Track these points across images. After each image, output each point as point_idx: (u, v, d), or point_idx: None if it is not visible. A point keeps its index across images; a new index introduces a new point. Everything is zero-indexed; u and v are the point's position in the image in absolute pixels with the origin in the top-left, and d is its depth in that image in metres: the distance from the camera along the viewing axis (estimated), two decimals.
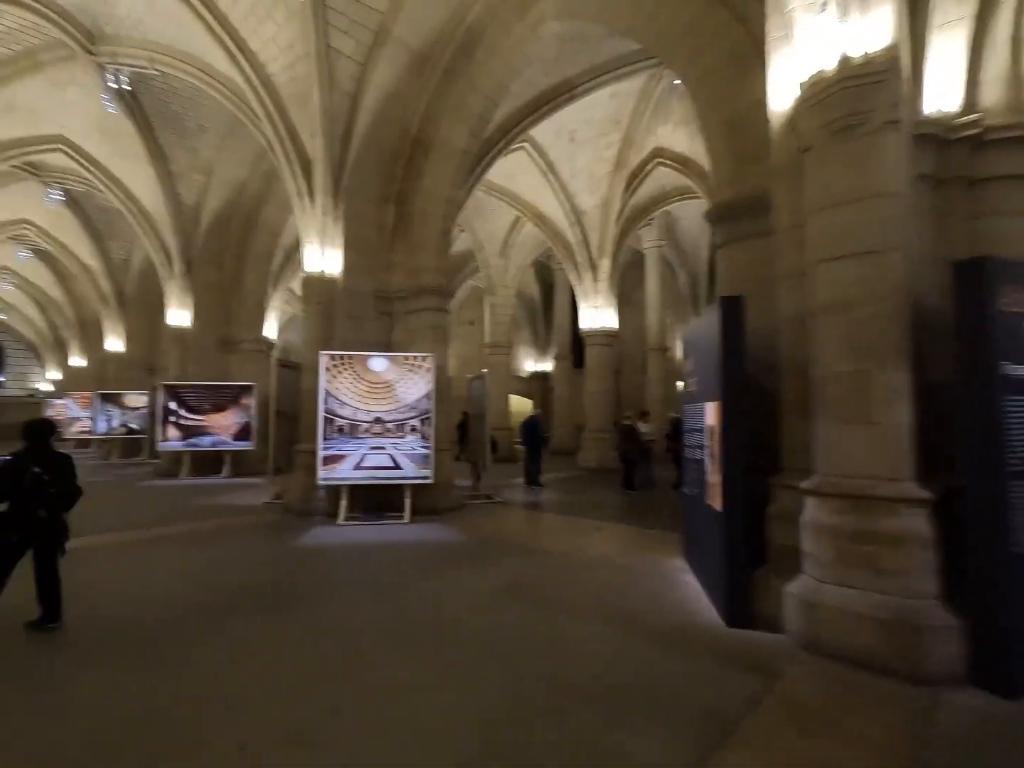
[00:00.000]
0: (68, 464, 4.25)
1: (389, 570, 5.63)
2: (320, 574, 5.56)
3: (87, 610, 4.46)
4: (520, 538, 7.16)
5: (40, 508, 3.97)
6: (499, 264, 18.32)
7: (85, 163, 13.57)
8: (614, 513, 8.99)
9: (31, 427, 4.22)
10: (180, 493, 11.25)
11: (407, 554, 6.27)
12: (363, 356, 8.37)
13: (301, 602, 4.67)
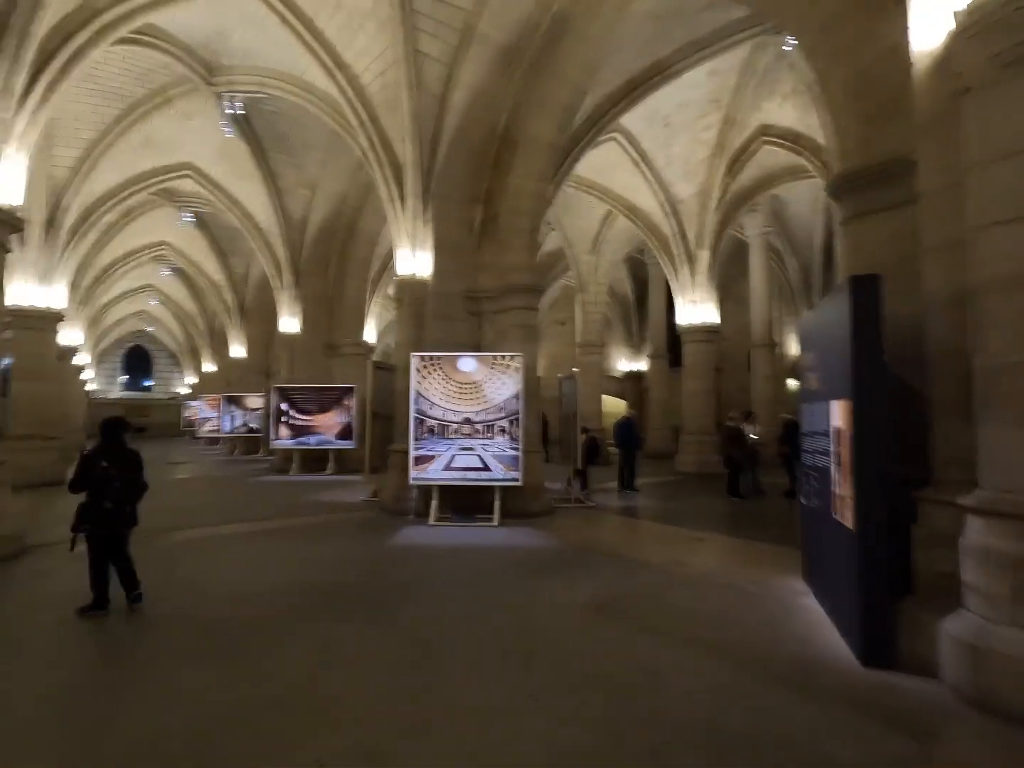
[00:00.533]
0: (136, 460, 4.53)
1: (477, 576, 5.47)
2: (409, 577, 5.51)
3: (195, 600, 4.72)
4: (615, 547, 6.74)
5: (105, 500, 4.26)
6: (590, 261, 17.86)
7: (209, 186, 14.95)
8: (718, 523, 8.28)
9: (105, 425, 4.53)
10: (289, 489, 11.98)
11: (496, 559, 6.08)
12: (452, 357, 8.35)
13: (390, 607, 4.62)
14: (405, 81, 8.40)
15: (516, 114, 8.92)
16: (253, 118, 12.78)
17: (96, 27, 6.96)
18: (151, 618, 4.38)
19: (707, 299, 14.30)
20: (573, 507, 9.45)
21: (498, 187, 9.39)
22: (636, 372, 25.53)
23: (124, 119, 11.77)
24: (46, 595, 4.97)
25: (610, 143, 12.97)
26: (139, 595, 4.49)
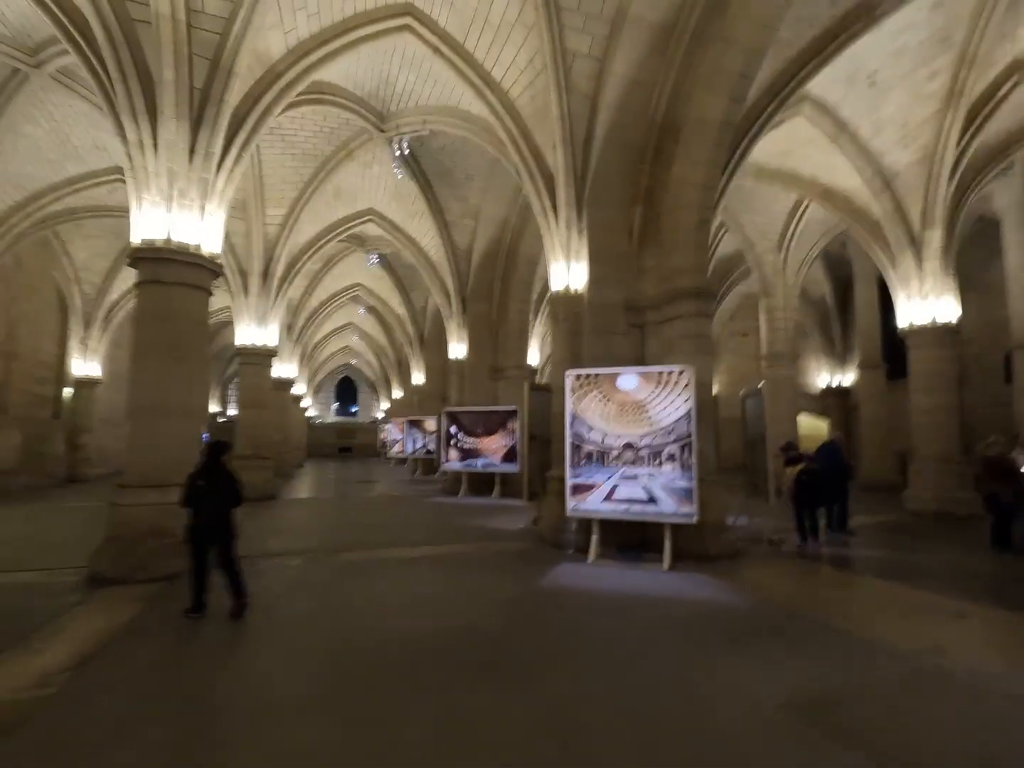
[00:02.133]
0: (230, 479, 5.09)
1: (642, 641, 4.44)
2: (559, 632, 4.71)
3: (324, 637, 4.51)
4: (828, 614, 5.13)
5: (202, 514, 4.88)
6: (775, 261, 15.55)
7: (388, 227, 16.30)
8: (984, 589, 6.02)
9: (207, 447, 5.21)
10: (454, 512, 12.07)
11: (666, 617, 4.97)
12: (610, 374, 7.48)
13: (532, 672, 3.87)
14: (554, 84, 7.95)
15: (677, 96, 7.88)
16: (420, 157, 13.58)
17: (278, 88, 7.78)
18: (277, 648, 4.24)
19: (941, 291, 11.27)
20: (764, 550, 7.80)
21: (659, 183, 8.38)
22: (840, 387, 21.64)
23: (317, 175, 13.30)
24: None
25: (794, 120, 11.06)
26: (244, 605, 4.94)
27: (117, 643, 4.38)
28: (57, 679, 3.68)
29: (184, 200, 6.84)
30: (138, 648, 4.31)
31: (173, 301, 6.81)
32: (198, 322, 7.12)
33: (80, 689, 3.57)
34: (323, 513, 12.10)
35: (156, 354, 6.72)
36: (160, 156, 6.67)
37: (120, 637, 4.52)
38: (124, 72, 6.41)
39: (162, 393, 6.68)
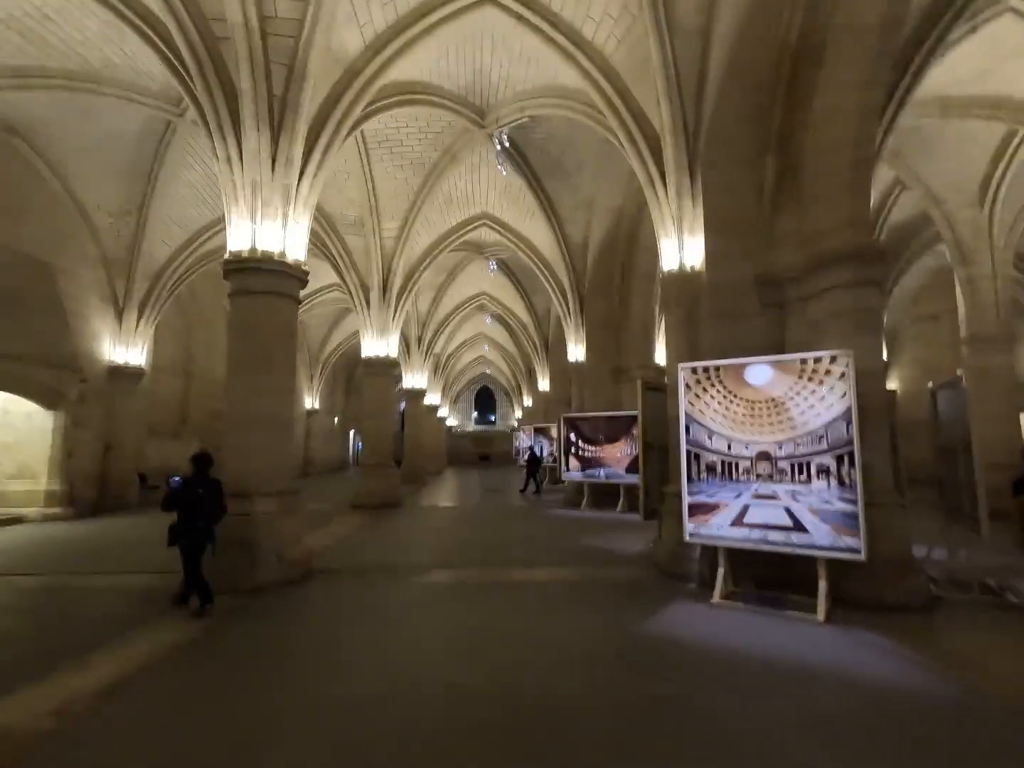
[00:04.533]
0: (218, 488, 5.49)
1: (783, 748, 3.05)
2: (650, 711, 3.45)
3: (365, 685, 3.78)
4: None
5: (199, 520, 5.31)
6: (975, 218, 12.16)
7: (501, 230, 15.90)
8: None
9: (195, 459, 5.47)
10: (568, 527, 11.03)
11: (823, 708, 3.43)
12: (734, 365, 5.96)
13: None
14: (653, 25, 6.72)
15: (815, 3, 6.14)
16: (526, 150, 12.91)
17: (358, 87, 7.56)
18: (290, 708, 3.60)
19: None
20: (975, 602, 5.63)
21: (797, 123, 6.65)
22: None
23: (427, 183, 13.27)
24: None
25: (997, 21, 8.35)
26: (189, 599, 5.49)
27: (156, 668, 4.12)
28: (75, 708, 3.43)
29: (268, 209, 6.83)
30: (172, 678, 3.99)
31: (260, 311, 6.81)
32: (286, 331, 7.07)
33: (81, 728, 3.25)
34: (436, 524, 11.83)
35: (247, 365, 6.75)
36: (245, 168, 6.72)
37: (165, 661, 4.28)
38: (210, 88, 6.57)
39: (251, 404, 6.67)
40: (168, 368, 17.57)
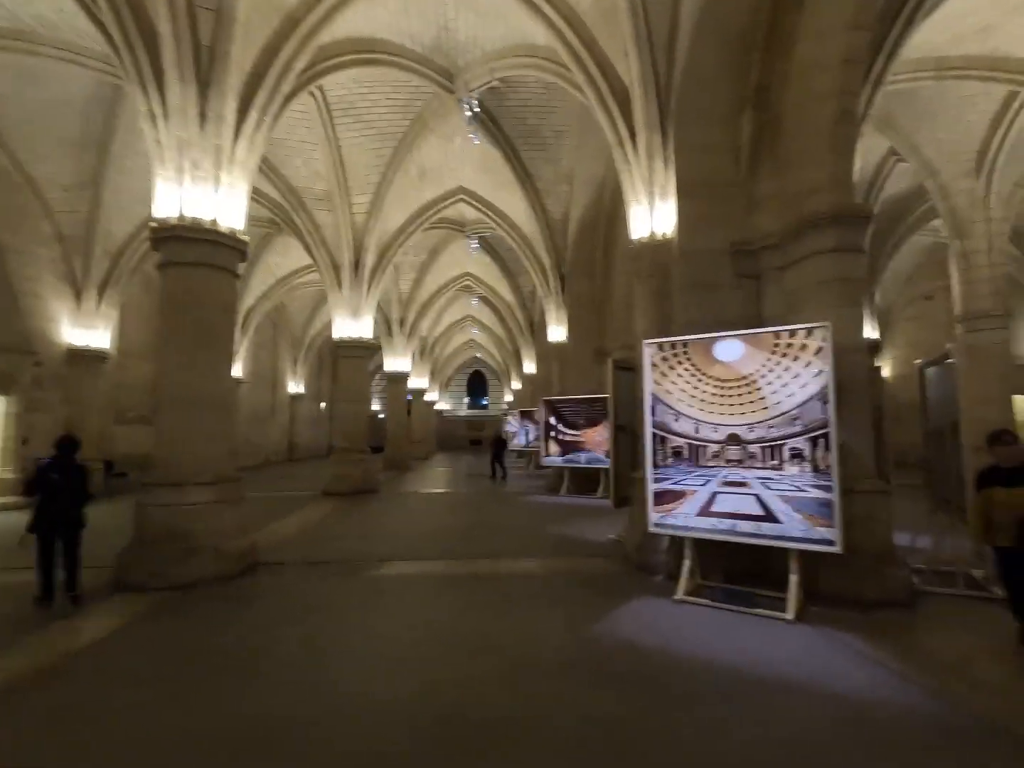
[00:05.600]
0: (82, 473, 5.22)
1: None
2: (601, 733, 2.96)
3: (277, 705, 3.31)
4: None
5: (56, 505, 5.02)
6: (972, 189, 11.58)
7: (479, 205, 15.24)
8: None
9: (59, 442, 5.20)
10: (545, 514, 10.61)
11: (789, 730, 2.98)
12: (703, 340, 5.44)
13: None
14: None
15: None
16: (500, 118, 12.22)
17: (298, 38, 6.90)
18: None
19: None
20: (960, 597, 5.20)
21: (776, 75, 6.06)
22: None
23: (397, 155, 12.59)
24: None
25: None
26: (77, 597, 5.15)
27: (29, 685, 3.64)
28: None
29: (197, 172, 6.22)
30: (44, 694, 3.50)
31: (192, 284, 6.23)
32: (222, 307, 6.49)
33: None
34: (409, 512, 11.38)
35: (179, 342, 6.19)
36: (171, 124, 6.09)
37: (58, 667, 3.80)
38: (127, 34, 5.91)
39: (184, 384, 6.13)
40: (136, 352, 16.94)
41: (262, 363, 25.92)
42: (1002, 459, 3.96)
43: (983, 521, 3.97)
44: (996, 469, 3.99)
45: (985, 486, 3.98)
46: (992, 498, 3.90)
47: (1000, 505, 3.86)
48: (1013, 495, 3.83)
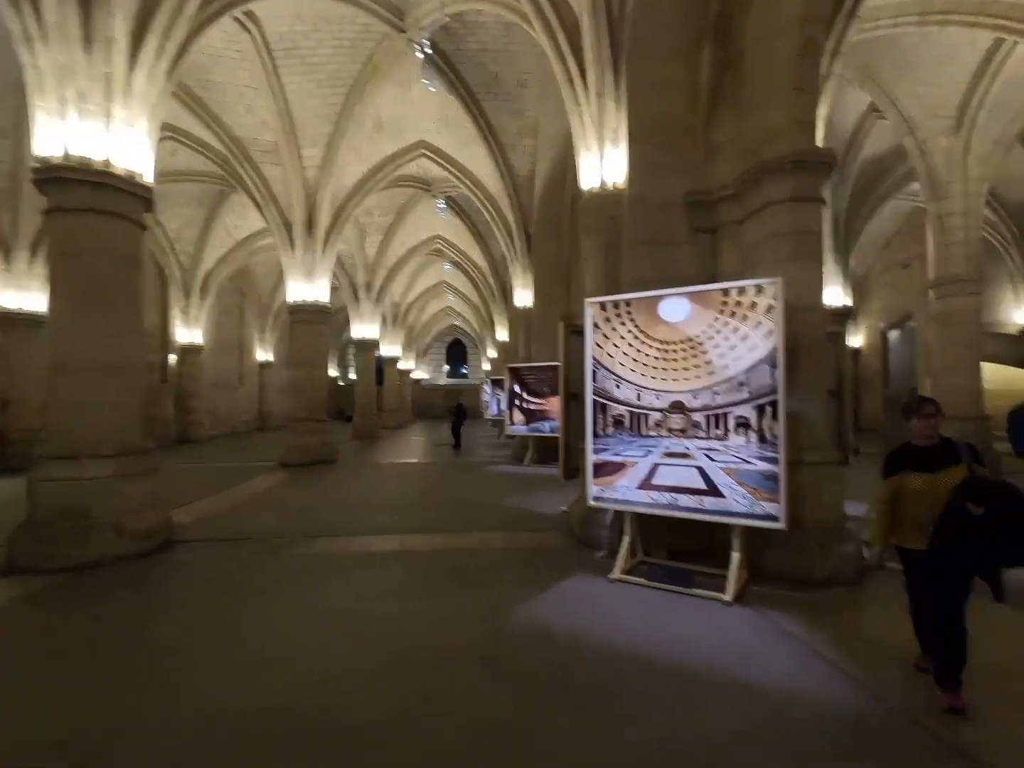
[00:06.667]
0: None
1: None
2: (488, 744, 2.60)
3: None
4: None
5: None
6: (951, 148, 11.08)
7: (442, 161, 14.39)
8: None
9: None
10: (504, 485, 10.26)
11: (699, 727, 2.63)
12: (648, 299, 4.95)
13: None
14: None
15: None
16: (459, 63, 11.34)
17: None
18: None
19: None
20: None
21: (737, 4, 5.43)
22: None
23: (350, 103, 11.66)
24: None
25: None
26: None
27: None
28: None
29: (85, 105, 5.45)
30: None
31: (83, 233, 5.53)
32: (124, 259, 5.80)
33: None
34: (363, 483, 10.93)
35: (71, 298, 5.53)
36: (50, 47, 5.29)
37: None
38: None
39: (79, 346, 5.50)
40: None
41: (227, 330, 24.92)
42: (917, 435, 3.01)
43: (889, 518, 3.03)
44: (908, 450, 3.05)
45: (896, 471, 3.02)
46: (905, 486, 2.96)
47: (914, 495, 2.91)
48: (932, 482, 2.85)
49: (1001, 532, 2.46)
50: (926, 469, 2.88)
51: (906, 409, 3.04)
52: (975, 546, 2.55)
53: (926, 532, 2.80)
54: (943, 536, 2.70)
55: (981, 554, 2.56)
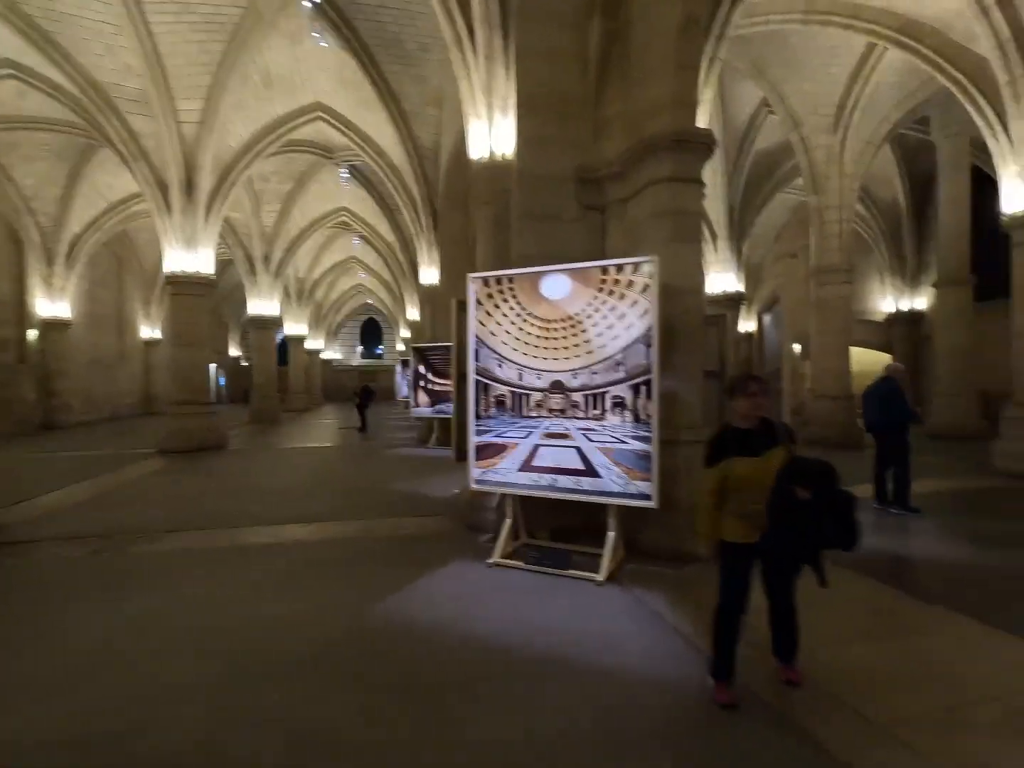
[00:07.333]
0: None
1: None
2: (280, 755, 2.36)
3: None
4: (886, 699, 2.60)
5: None
6: (829, 145, 11.83)
7: (340, 125, 13.50)
8: None
9: None
10: (402, 468, 9.98)
11: (537, 721, 2.52)
12: (529, 275, 4.79)
13: None
14: None
15: None
16: (355, 21, 10.56)
17: None
18: None
19: None
20: None
21: None
22: (911, 312, 17.77)
23: (232, 52, 10.55)
24: None
25: None
26: None
27: None
28: None
29: None
30: None
31: None
32: None
33: None
34: (249, 470, 10.19)
35: None
36: None
37: None
38: None
39: None
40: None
41: (103, 303, 22.35)
42: (741, 416, 2.68)
43: (715, 510, 2.63)
44: (731, 432, 2.68)
45: (721, 458, 2.61)
46: (731, 473, 2.57)
47: (741, 483, 2.56)
48: (759, 466, 2.54)
49: (826, 515, 2.45)
50: (751, 452, 2.57)
51: (730, 388, 2.77)
52: (806, 532, 2.46)
53: (754, 522, 2.54)
54: (777, 524, 2.48)
55: (809, 539, 2.49)
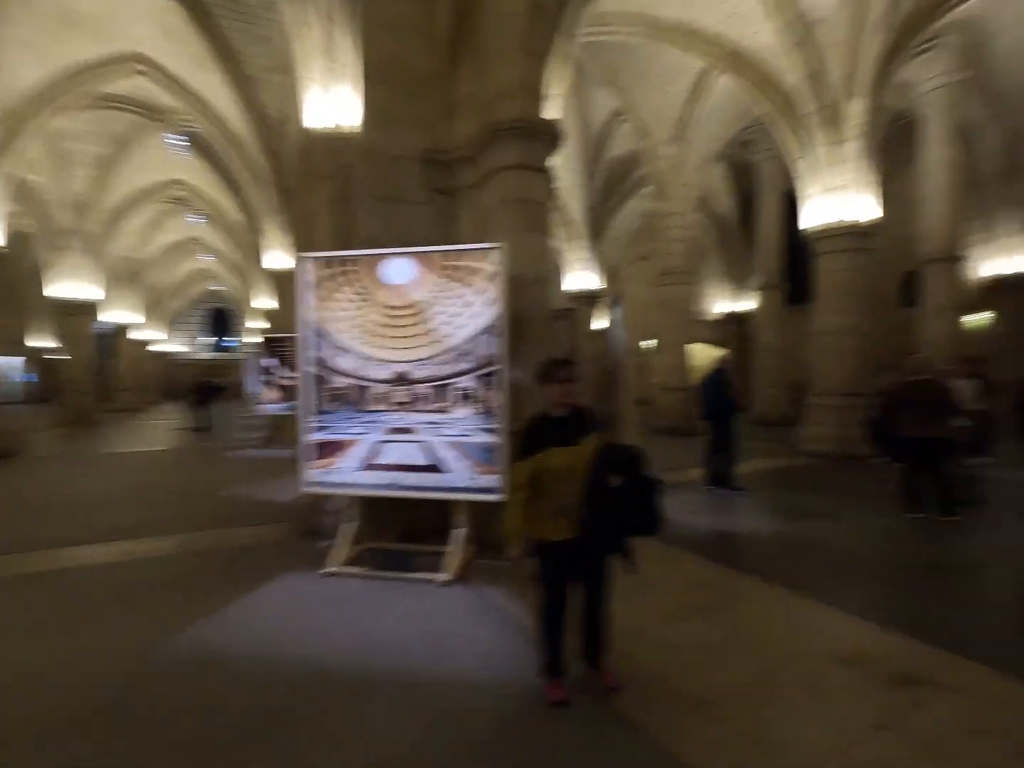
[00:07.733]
0: None
1: None
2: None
3: None
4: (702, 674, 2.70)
5: None
6: (672, 155, 12.83)
7: (166, 81, 11.77)
8: (929, 601, 3.84)
9: None
10: (240, 472, 8.96)
11: (346, 752, 2.25)
12: (370, 258, 4.43)
13: None
14: None
15: None
16: None
17: None
18: None
19: (859, 182, 9.05)
20: None
21: None
22: (740, 313, 20.06)
23: None
24: None
25: None
26: None
27: None
28: None
29: None
30: None
31: None
32: None
33: None
34: (49, 481, 8.51)
35: None
36: None
37: None
38: None
39: None
40: None
41: None
42: (554, 403, 2.54)
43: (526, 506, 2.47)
44: (546, 421, 2.54)
45: (536, 449, 2.45)
46: (546, 465, 2.43)
47: (557, 474, 2.42)
48: (575, 455, 2.42)
49: (636, 502, 2.44)
50: (567, 442, 2.45)
51: (541, 374, 2.60)
52: (619, 520, 2.38)
53: (569, 516, 2.39)
54: (593, 513, 2.36)
55: (620, 526, 2.43)
